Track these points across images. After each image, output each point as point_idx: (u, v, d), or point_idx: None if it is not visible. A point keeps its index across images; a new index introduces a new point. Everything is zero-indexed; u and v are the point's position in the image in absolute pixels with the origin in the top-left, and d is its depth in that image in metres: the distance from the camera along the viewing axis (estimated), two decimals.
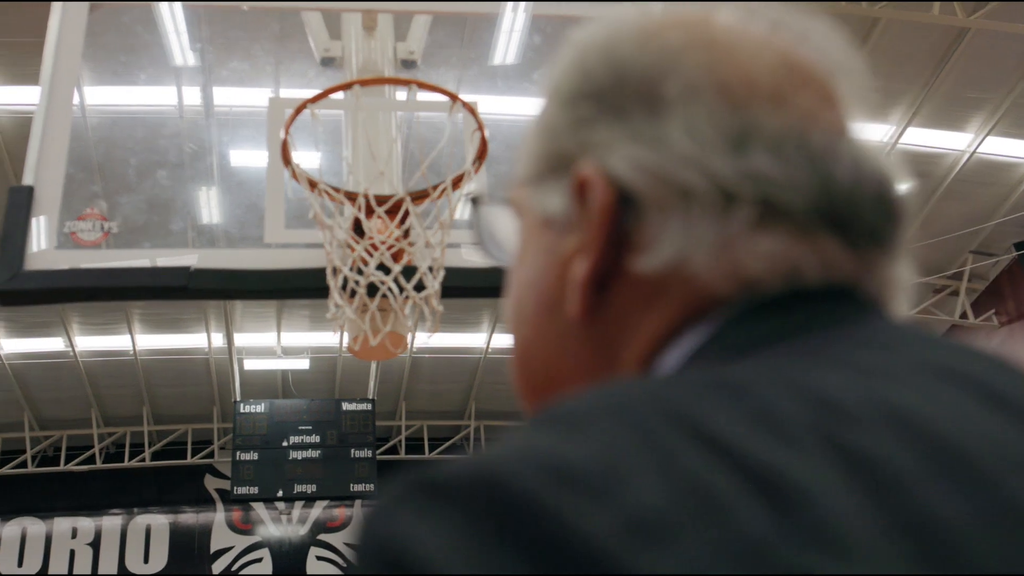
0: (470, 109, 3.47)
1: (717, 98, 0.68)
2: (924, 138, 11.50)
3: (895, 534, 0.45)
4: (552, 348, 0.73)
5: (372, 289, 3.42)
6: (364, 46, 4.55)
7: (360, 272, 3.37)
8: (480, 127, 3.49)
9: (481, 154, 3.56)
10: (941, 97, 10.98)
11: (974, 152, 11.66)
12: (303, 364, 14.57)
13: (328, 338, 14.38)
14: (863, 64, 0.75)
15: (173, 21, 4.51)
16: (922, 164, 11.76)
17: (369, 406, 14.08)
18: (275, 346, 14.31)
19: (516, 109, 4.54)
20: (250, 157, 4.29)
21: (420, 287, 3.43)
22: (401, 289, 3.39)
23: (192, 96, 4.41)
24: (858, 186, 0.67)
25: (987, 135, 11.42)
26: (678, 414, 0.51)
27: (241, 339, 14.08)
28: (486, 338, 14.77)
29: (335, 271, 3.42)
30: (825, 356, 0.58)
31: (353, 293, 3.40)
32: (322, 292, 3.68)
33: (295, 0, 4.35)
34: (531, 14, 4.64)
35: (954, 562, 0.44)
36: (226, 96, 4.37)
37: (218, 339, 13.96)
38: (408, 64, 4.56)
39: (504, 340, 14.93)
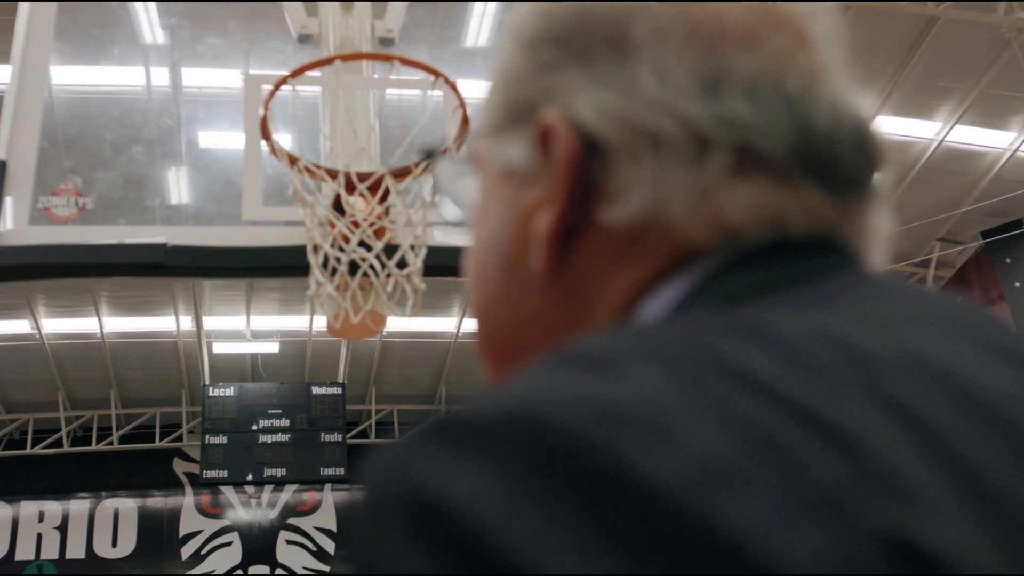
0: (452, 86, 3.45)
1: (687, 40, 0.65)
2: (893, 126, 11.57)
3: (953, 486, 0.43)
4: (515, 307, 0.70)
5: (353, 267, 3.40)
6: (342, 24, 4.51)
7: (341, 249, 3.35)
8: (462, 104, 3.47)
9: (463, 131, 3.54)
10: (910, 86, 11.05)
11: (943, 141, 11.75)
12: (273, 348, 14.51)
13: (298, 321, 14.32)
14: (835, 6, 0.72)
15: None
16: (891, 152, 11.81)
17: (339, 390, 14.06)
18: (244, 329, 14.23)
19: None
20: (224, 136, 4.24)
21: (402, 265, 3.42)
22: (383, 266, 3.37)
23: (164, 74, 4.36)
24: (837, 131, 0.64)
25: (955, 124, 11.51)
26: (712, 356, 0.48)
27: (210, 322, 14.00)
28: (456, 322, 14.75)
29: (316, 249, 3.40)
30: (829, 305, 0.56)
31: (334, 271, 3.38)
32: (301, 270, 3.65)
33: None
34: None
35: (1005, 515, 0.43)
36: (200, 73, 4.32)
37: (187, 322, 13.87)
38: (386, 42, 4.53)
39: (474, 325, 14.91)
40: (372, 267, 3.37)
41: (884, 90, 11.01)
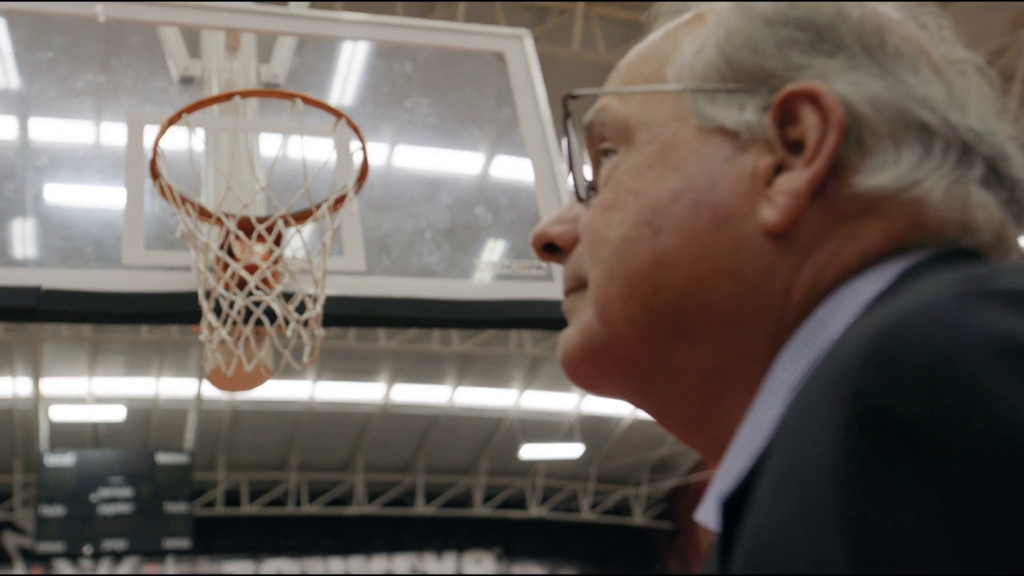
0: (354, 127, 3.34)
1: (933, 63, 0.76)
2: None
3: None
4: (715, 261, 0.73)
5: (247, 314, 3.23)
6: (226, 67, 4.37)
7: (236, 294, 3.18)
8: (364, 146, 3.37)
9: (363, 174, 3.43)
10: None
11: None
12: (117, 412, 13.87)
13: (144, 384, 13.76)
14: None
15: (4, 32, 4.22)
16: None
17: (186, 458, 13.49)
18: (86, 393, 13.58)
19: (384, 136, 4.43)
20: (104, 176, 4.02)
21: (300, 311, 3.27)
22: (281, 313, 3.22)
23: (37, 111, 4.12)
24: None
25: None
26: None
27: (50, 384, 13.30)
28: (310, 388, 14.42)
29: (208, 294, 3.22)
30: None
31: (227, 318, 3.20)
32: (188, 317, 3.45)
33: None
34: (392, 43, 4.55)
35: None
36: (79, 111, 4.10)
37: (24, 384, 13.15)
38: (272, 87, 4.40)
39: (328, 391, 14.61)
40: (268, 313, 3.21)
41: None
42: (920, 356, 0.47)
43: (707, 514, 0.73)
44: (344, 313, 3.61)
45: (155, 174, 3.31)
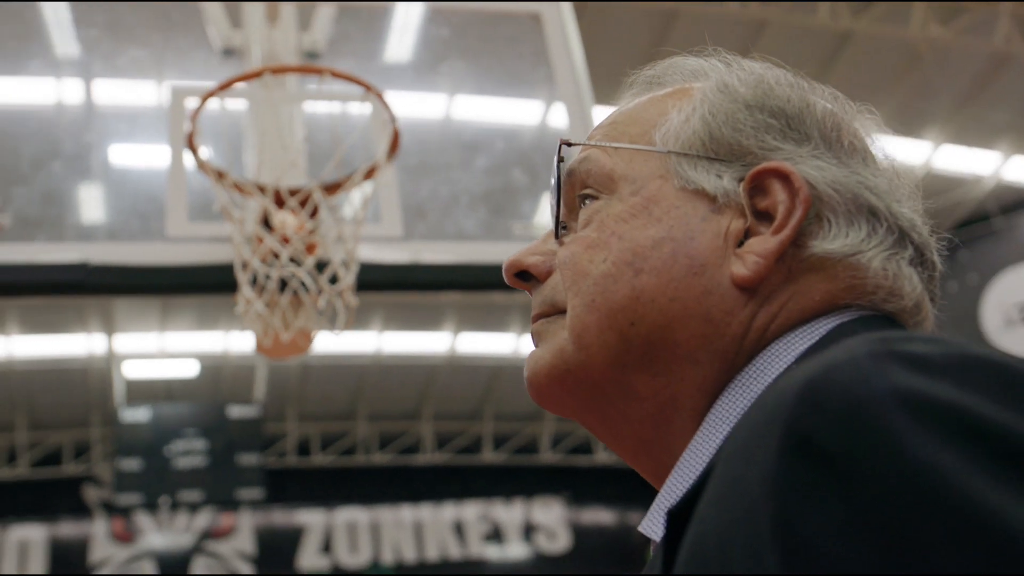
0: (382, 99, 3.39)
1: (876, 160, 0.92)
2: None
3: None
4: (686, 303, 0.84)
5: (282, 284, 3.32)
6: (267, 37, 4.43)
7: (272, 265, 3.27)
8: (392, 117, 3.42)
9: (393, 145, 3.48)
10: None
11: None
12: (190, 368, 14.19)
13: (215, 339, 14.05)
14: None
15: (55, 12, 4.33)
16: None
17: (257, 410, 13.78)
18: (159, 349, 13.91)
19: (422, 101, 4.47)
20: (147, 151, 4.12)
21: (333, 281, 3.35)
22: (314, 282, 3.30)
23: (84, 87, 4.22)
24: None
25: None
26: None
27: (123, 341, 13.65)
28: (377, 340, 14.61)
29: (244, 265, 3.31)
30: None
31: (263, 288, 3.29)
32: (228, 288, 3.56)
33: None
34: (430, 8, 4.58)
35: None
36: (121, 87, 4.20)
37: (99, 342, 13.50)
38: (312, 56, 4.45)
39: (394, 342, 14.80)
40: (303, 283, 3.29)
41: None
42: (841, 401, 0.59)
43: (650, 526, 0.85)
44: (381, 279, 3.69)
45: (193, 148, 3.40)
